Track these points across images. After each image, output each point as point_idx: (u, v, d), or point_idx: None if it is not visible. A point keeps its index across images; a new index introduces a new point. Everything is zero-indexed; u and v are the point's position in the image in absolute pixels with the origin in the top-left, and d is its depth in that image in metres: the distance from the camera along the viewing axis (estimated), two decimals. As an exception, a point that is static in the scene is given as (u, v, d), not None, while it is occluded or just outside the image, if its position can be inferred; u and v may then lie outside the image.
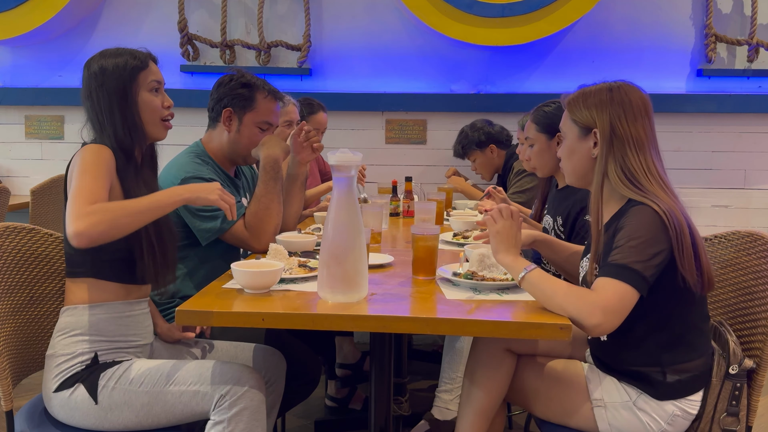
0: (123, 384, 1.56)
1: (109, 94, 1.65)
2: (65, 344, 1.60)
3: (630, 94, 1.58)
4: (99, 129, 1.66)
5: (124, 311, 1.64)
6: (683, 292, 1.50)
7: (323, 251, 1.46)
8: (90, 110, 1.67)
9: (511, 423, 2.70)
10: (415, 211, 2.47)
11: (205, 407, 1.54)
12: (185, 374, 1.56)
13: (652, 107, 1.60)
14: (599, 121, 1.56)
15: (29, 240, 1.77)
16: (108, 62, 1.68)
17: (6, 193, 3.13)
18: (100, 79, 1.66)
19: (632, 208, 1.50)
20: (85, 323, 1.60)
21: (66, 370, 1.58)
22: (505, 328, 1.37)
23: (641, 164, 1.53)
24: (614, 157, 1.55)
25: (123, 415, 1.55)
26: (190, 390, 1.54)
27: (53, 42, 3.85)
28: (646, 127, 1.56)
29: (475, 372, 1.69)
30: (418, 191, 3.14)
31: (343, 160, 1.44)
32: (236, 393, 1.52)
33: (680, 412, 1.53)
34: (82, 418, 1.56)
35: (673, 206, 1.48)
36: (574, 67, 3.70)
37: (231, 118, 2.11)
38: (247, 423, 1.51)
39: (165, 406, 1.55)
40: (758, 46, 3.56)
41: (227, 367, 1.57)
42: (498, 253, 1.54)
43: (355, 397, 2.90)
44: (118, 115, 1.64)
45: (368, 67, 3.77)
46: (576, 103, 1.62)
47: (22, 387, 1.79)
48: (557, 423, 1.65)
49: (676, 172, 3.69)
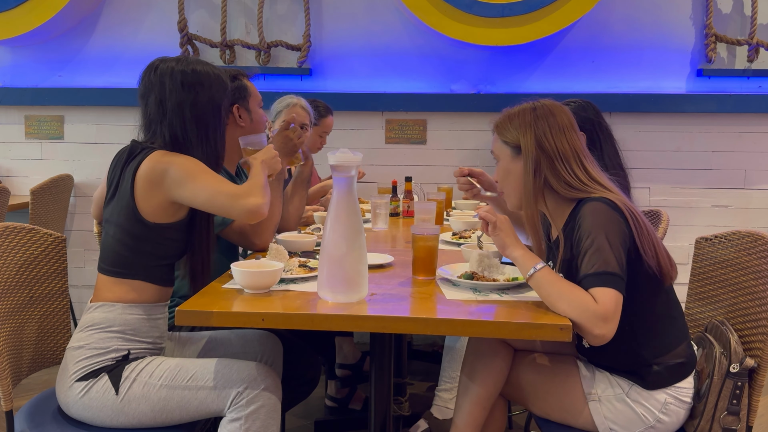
0: (143, 377, 1.58)
1: (205, 112, 1.73)
2: (99, 338, 1.61)
3: (553, 110, 1.65)
4: (189, 141, 1.71)
5: (155, 313, 1.68)
6: (646, 283, 1.55)
7: (323, 251, 1.46)
8: (178, 120, 1.70)
9: (511, 423, 2.70)
10: (415, 211, 2.47)
11: (220, 405, 1.56)
12: (203, 371, 1.59)
13: (576, 123, 1.67)
14: (528, 139, 1.62)
15: (29, 240, 1.77)
16: (205, 70, 1.75)
17: (6, 193, 3.13)
18: (200, 92, 1.73)
19: (584, 206, 1.55)
20: (123, 321, 1.63)
21: (95, 363, 1.59)
22: (505, 328, 1.37)
23: (572, 172, 1.60)
24: (549, 169, 1.61)
25: (139, 409, 1.56)
26: (208, 386, 1.56)
27: (53, 42, 3.85)
28: (573, 139, 1.63)
29: (473, 363, 1.71)
30: (418, 191, 3.14)
31: (343, 160, 1.45)
32: (253, 391, 1.55)
33: (672, 399, 1.56)
34: (98, 410, 1.57)
35: (621, 197, 1.56)
36: (574, 67, 3.70)
37: (240, 112, 2.14)
38: (263, 421, 1.54)
39: (181, 401, 1.57)
40: (758, 46, 3.55)
41: (244, 365, 1.59)
42: (506, 249, 1.56)
43: (355, 397, 2.90)
44: (212, 131, 1.75)
45: (368, 67, 3.77)
46: (504, 125, 1.69)
47: (22, 387, 1.79)
48: (555, 419, 1.67)
49: (676, 172, 3.69)
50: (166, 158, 1.63)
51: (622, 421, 1.58)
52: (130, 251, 1.65)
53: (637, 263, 1.53)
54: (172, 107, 1.68)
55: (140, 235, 1.64)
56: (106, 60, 3.82)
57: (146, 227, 1.64)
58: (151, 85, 1.70)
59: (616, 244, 1.48)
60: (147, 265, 1.66)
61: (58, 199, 3.65)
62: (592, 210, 1.53)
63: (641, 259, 1.52)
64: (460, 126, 3.76)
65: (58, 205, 3.67)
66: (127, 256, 1.65)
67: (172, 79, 1.69)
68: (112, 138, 3.78)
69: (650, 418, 1.56)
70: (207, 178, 1.61)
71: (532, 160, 1.61)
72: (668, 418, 1.57)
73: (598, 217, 1.51)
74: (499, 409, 1.79)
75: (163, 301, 1.71)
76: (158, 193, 1.61)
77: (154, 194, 1.62)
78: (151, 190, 1.62)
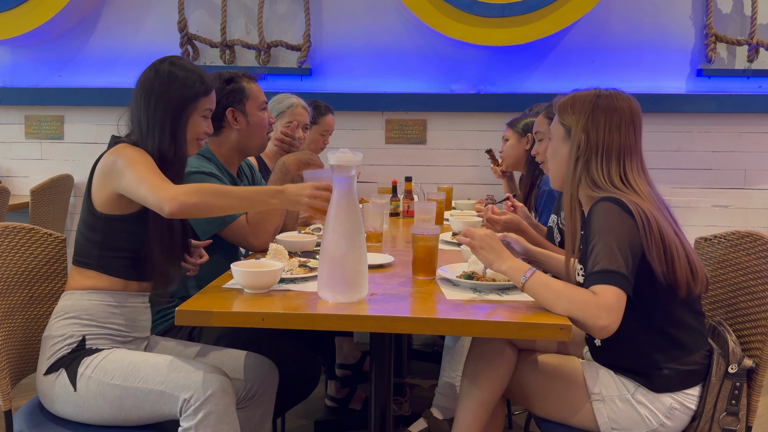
0: (98, 374, 1.57)
1: (166, 105, 1.69)
2: (58, 326, 1.63)
3: (617, 102, 1.62)
4: (144, 131, 1.69)
5: (121, 301, 1.67)
6: (661, 289, 1.52)
7: (323, 251, 1.46)
8: (142, 110, 1.70)
9: (511, 423, 2.70)
10: (415, 211, 2.47)
11: (172, 409, 1.52)
12: (154, 372, 1.55)
13: (641, 119, 1.64)
14: (579, 124, 1.61)
15: (29, 240, 1.77)
16: (179, 73, 1.73)
17: (6, 193, 3.13)
18: (164, 86, 1.70)
19: (597, 204, 1.54)
20: (80, 307, 1.64)
21: (55, 352, 1.60)
22: (505, 328, 1.37)
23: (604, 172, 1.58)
24: (585, 162, 1.60)
25: (98, 406, 1.56)
26: (156, 390, 1.53)
27: (53, 42, 3.85)
28: (628, 137, 1.60)
29: (477, 365, 1.70)
30: (418, 191, 3.14)
31: (343, 160, 1.45)
32: (199, 398, 1.49)
33: (678, 405, 1.54)
34: (63, 404, 1.58)
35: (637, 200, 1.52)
36: (574, 67, 3.70)
37: (235, 115, 2.14)
38: (214, 428, 1.49)
39: (135, 401, 1.54)
40: (758, 46, 3.55)
41: (192, 371, 1.54)
42: (493, 264, 1.55)
43: (355, 397, 2.90)
44: (168, 128, 1.69)
45: (368, 67, 3.77)
46: (565, 106, 1.67)
47: (21, 387, 1.79)
48: (556, 420, 1.65)
49: (676, 172, 3.69)
50: (119, 150, 1.64)
51: (624, 422, 1.56)
52: (87, 241, 1.68)
53: (650, 268, 1.50)
54: (145, 98, 1.70)
55: (93, 225, 1.66)
56: (106, 60, 3.82)
57: (97, 218, 1.66)
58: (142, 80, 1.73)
59: (624, 244, 1.46)
60: (102, 256, 1.66)
61: (58, 199, 3.65)
62: (603, 209, 1.51)
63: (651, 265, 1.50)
64: (460, 126, 3.76)
65: (58, 205, 3.67)
66: (84, 245, 1.68)
67: (155, 73, 1.72)
68: (112, 138, 3.78)
69: (654, 421, 1.54)
70: (143, 168, 1.58)
71: (576, 147, 1.61)
72: (672, 423, 1.55)
73: (609, 216, 1.50)
74: (499, 409, 1.78)
75: (130, 290, 1.68)
76: (107, 184, 1.63)
77: (105, 185, 1.64)
78: (103, 182, 1.64)
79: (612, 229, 1.48)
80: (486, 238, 1.57)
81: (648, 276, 1.51)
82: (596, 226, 1.50)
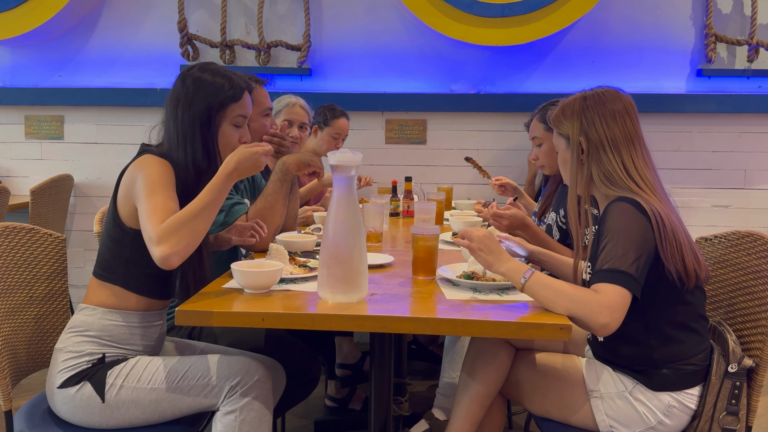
0: (131, 382, 1.56)
1: (193, 118, 1.65)
2: (75, 341, 1.61)
3: (605, 97, 1.63)
4: (174, 144, 1.65)
5: (140, 322, 1.65)
6: (667, 290, 1.53)
7: (323, 251, 1.46)
8: (172, 122, 1.66)
9: (511, 423, 2.70)
10: (414, 211, 2.47)
11: (213, 399, 1.56)
12: (194, 369, 1.58)
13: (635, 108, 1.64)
14: (574, 129, 1.63)
15: (29, 240, 1.77)
16: (207, 78, 1.68)
17: (6, 193, 3.13)
18: (191, 94, 1.65)
19: (612, 204, 1.54)
20: (100, 327, 1.61)
21: (72, 366, 1.58)
22: (505, 328, 1.37)
23: (618, 164, 1.59)
24: (595, 161, 1.61)
25: (130, 413, 1.56)
26: (200, 383, 1.56)
27: (53, 42, 3.85)
28: (627, 126, 1.61)
29: (474, 361, 1.72)
30: (418, 191, 3.14)
31: (343, 160, 1.44)
32: (247, 383, 1.55)
33: (677, 403, 1.55)
34: (87, 415, 1.56)
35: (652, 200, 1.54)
36: (574, 67, 3.70)
37: None
38: (258, 411, 1.55)
39: (173, 401, 1.56)
40: (758, 46, 3.55)
41: (235, 359, 1.59)
42: (491, 267, 1.55)
43: (355, 397, 2.90)
44: (199, 138, 1.65)
45: (368, 67, 3.77)
46: (558, 118, 1.69)
47: (21, 387, 1.79)
48: (554, 417, 1.66)
49: (676, 172, 3.69)
50: (143, 164, 1.59)
51: (623, 419, 1.57)
52: (112, 256, 1.63)
53: (659, 269, 1.51)
54: (173, 108, 1.67)
55: (120, 240, 1.62)
56: (105, 60, 3.82)
57: (124, 233, 1.61)
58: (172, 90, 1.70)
59: (636, 245, 1.46)
60: (127, 272, 1.62)
61: (58, 199, 3.65)
62: (618, 209, 1.52)
63: (662, 265, 1.50)
64: (460, 126, 3.76)
65: (58, 205, 3.67)
66: (108, 259, 1.64)
67: (182, 81, 1.69)
68: (112, 138, 3.77)
69: (652, 419, 1.55)
70: (155, 200, 1.51)
71: (577, 150, 1.62)
72: (670, 422, 1.55)
73: (623, 216, 1.50)
74: (499, 408, 1.79)
75: (151, 310, 1.67)
76: (130, 199, 1.59)
77: (128, 200, 1.59)
78: (126, 196, 1.60)
79: (625, 229, 1.48)
80: (484, 239, 1.56)
81: (654, 277, 1.51)
82: (610, 225, 1.50)
